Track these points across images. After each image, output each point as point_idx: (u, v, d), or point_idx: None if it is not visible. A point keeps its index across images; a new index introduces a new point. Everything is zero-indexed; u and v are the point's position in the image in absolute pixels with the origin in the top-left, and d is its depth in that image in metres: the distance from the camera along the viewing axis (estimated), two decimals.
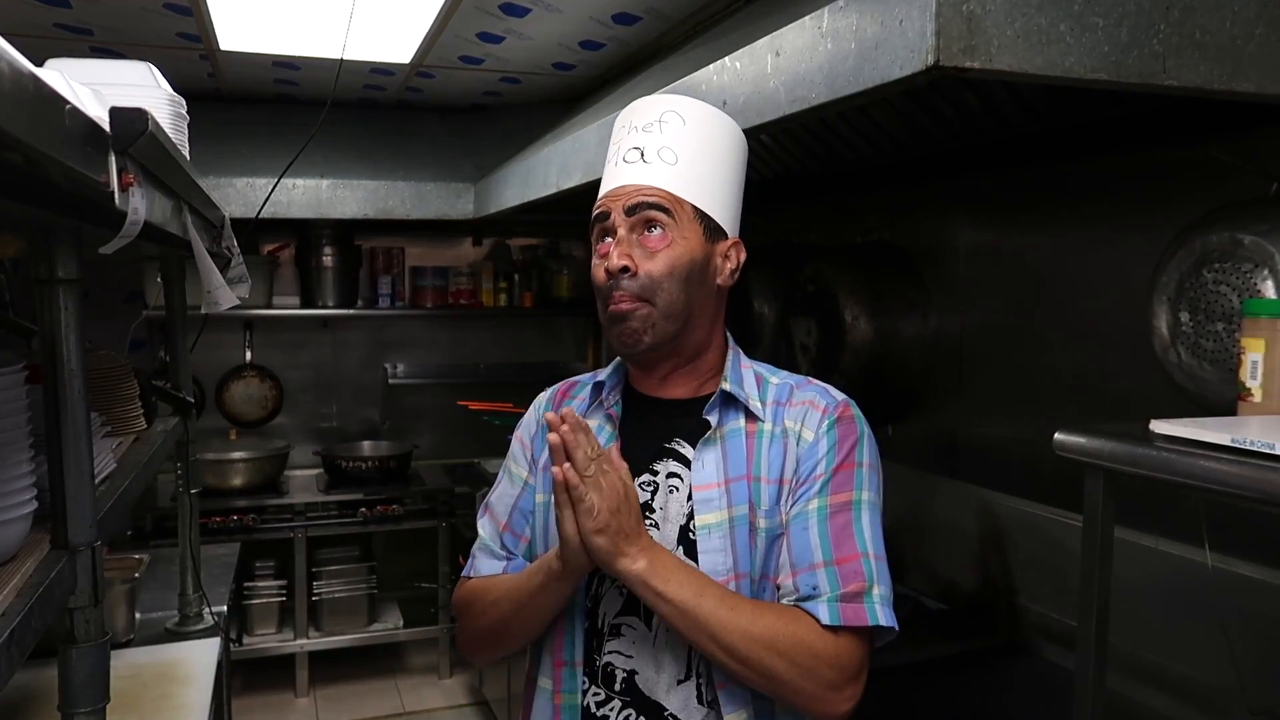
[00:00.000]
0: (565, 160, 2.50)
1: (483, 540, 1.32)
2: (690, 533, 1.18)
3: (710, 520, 1.17)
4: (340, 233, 4.15)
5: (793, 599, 1.14)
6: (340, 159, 3.70)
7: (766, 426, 1.21)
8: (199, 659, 2.09)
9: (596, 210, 1.23)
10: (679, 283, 1.18)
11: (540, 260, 4.60)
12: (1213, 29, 1.15)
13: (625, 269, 1.17)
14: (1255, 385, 1.29)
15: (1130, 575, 1.61)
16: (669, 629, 1.14)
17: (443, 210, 3.76)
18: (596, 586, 1.22)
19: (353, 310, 4.25)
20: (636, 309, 1.18)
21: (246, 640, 3.85)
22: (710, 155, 1.22)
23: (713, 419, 1.22)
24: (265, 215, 3.22)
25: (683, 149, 1.20)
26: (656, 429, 1.25)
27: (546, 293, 4.55)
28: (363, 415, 4.49)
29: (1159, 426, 1.26)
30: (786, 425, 1.21)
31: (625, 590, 1.17)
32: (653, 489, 1.22)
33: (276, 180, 3.17)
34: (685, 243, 1.18)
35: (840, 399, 1.23)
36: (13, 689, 1.78)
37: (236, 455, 3.93)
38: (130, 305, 3.77)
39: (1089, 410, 1.97)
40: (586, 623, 1.22)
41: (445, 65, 3.29)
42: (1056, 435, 1.33)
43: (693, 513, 1.19)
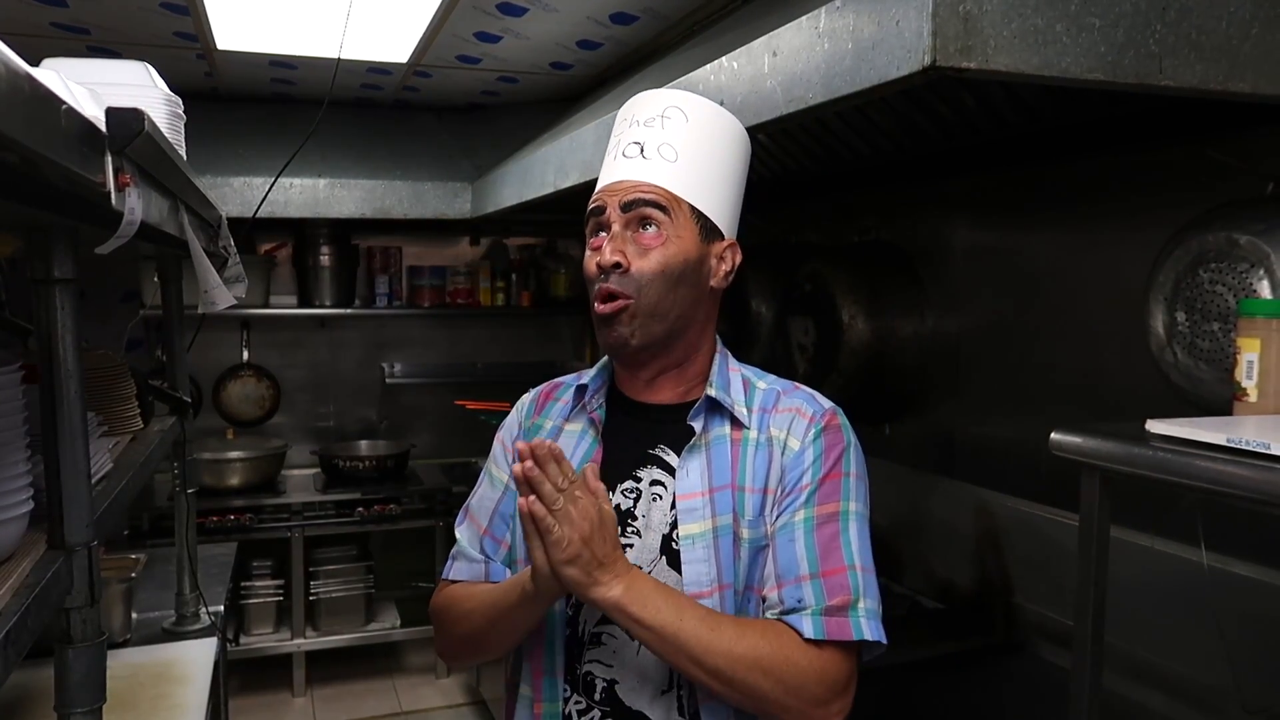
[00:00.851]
0: (563, 160, 2.49)
1: (460, 547, 1.30)
2: (674, 543, 1.16)
3: (694, 530, 1.15)
4: (337, 232, 4.15)
5: (777, 612, 1.12)
6: (337, 158, 3.69)
7: (752, 434, 1.19)
8: (196, 659, 2.08)
9: (593, 203, 1.21)
10: (670, 282, 1.16)
11: (538, 260, 4.60)
12: (1209, 29, 1.15)
13: (618, 265, 1.16)
14: (1251, 385, 1.30)
15: (1126, 574, 1.62)
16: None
17: (440, 210, 3.75)
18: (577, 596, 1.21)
19: (350, 310, 4.25)
20: (624, 308, 1.16)
21: (243, 640, 3.85)
22: (711, 154, 1.20)
23: (697, 425, 1.19)
24: (262, 215, 3.22)
25: (684, 146, 1.18)
26: (641, 435, 1.23)
27: (544, 292, 4.55)
28: (360, 415, 4.48)
29: (1155, 426, 1.26)
30: (772, 433, 1.19)
31: None
32: (635, 496, 1.20)
33: (273, 180, 3.17)
34: (680, 242, 1.16)
35: (827, 407, 1.20)
36: (9, 689, 1.78)
37: (233, 455, 3.92)
38: (127, 305, 3.77)
39: (1085, 410, 1.97)
40: (567, 631, 1.20)
41: (443, 65, 3.29)
42: (1053, 435, 1.33)
43: (676, 522, 1.17)
